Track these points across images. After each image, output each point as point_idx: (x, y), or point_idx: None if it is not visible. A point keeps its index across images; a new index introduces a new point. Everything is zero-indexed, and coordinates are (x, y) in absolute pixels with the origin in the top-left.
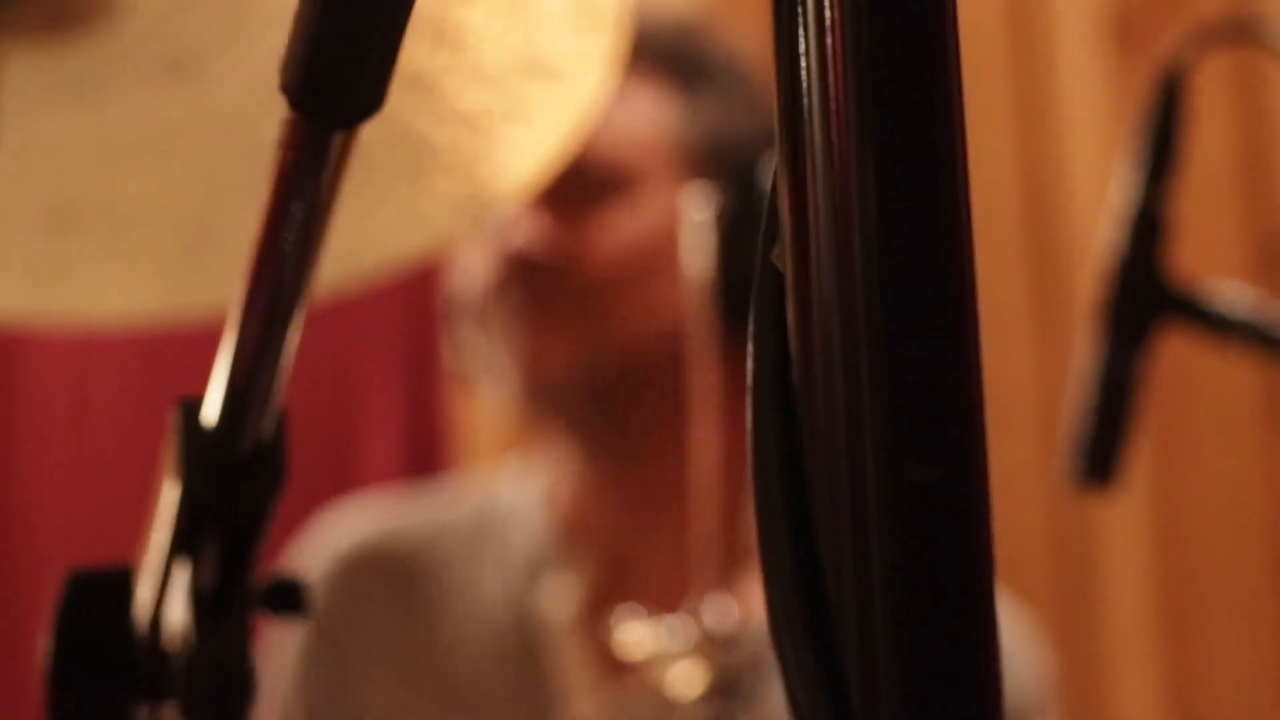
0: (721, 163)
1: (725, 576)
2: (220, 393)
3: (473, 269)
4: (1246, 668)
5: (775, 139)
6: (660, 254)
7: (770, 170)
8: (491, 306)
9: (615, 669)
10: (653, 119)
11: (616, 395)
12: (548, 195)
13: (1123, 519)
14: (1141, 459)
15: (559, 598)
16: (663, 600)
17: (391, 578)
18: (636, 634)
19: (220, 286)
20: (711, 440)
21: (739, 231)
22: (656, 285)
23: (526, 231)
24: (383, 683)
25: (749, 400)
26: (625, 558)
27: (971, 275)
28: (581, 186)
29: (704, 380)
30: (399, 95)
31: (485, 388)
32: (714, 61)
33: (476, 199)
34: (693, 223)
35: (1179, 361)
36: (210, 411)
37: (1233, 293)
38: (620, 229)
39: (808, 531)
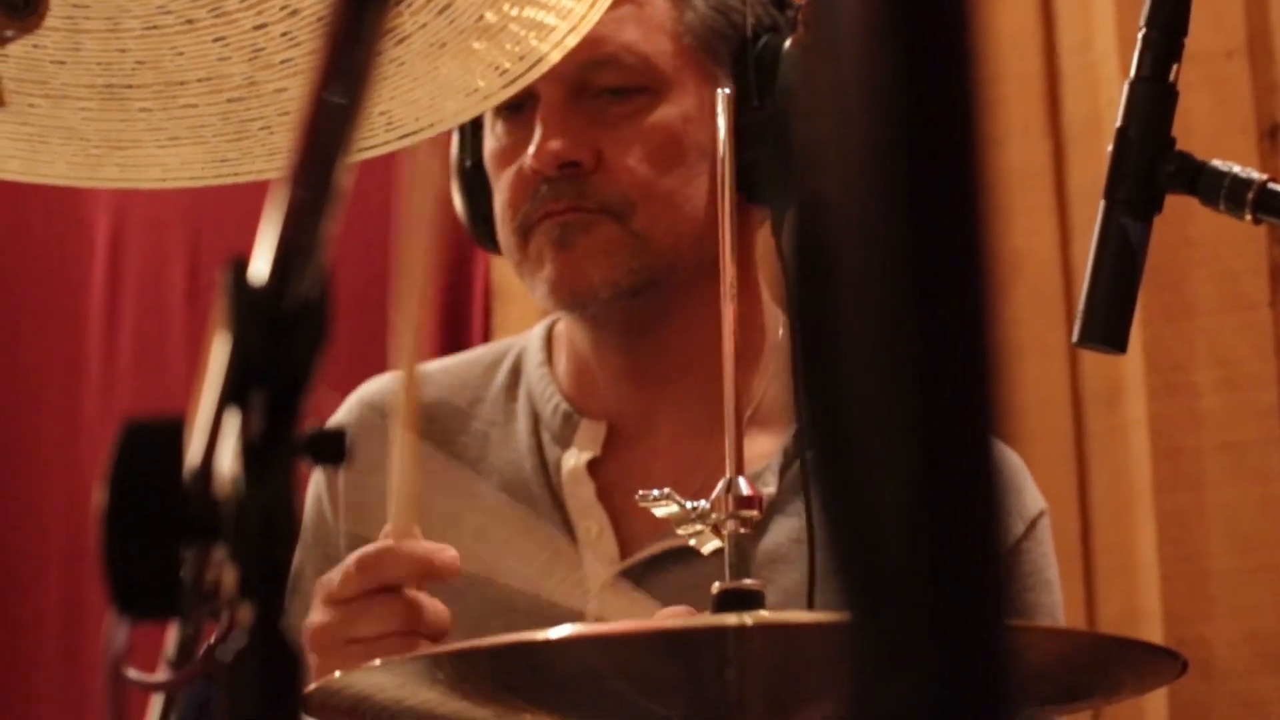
0: (725, 44)
1: (735, 442)
2: (268, 250)
3: (505, 180)
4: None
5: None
6: (683, 147)
7: (775, 43)
8: (523, 216)
9: (629, 519)
10: (657, 13)
11: (640, 295)
12: (572, 103)
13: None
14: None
15: (574, 450)
16: (667, 465)
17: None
18: (651, 500)
19: (266, 150)
20: (731, 316)
21: (751, 113)
22: (682, 179)
23: (555, 139)
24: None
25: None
26: (632, 420)
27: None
28: (603, 91)
29: (727, 261)
30: None
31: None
32: None
33: (521, 63)
34: (711, 110)
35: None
36: (259, 269)
37: (1238, 166)
38: (644, 128)
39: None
